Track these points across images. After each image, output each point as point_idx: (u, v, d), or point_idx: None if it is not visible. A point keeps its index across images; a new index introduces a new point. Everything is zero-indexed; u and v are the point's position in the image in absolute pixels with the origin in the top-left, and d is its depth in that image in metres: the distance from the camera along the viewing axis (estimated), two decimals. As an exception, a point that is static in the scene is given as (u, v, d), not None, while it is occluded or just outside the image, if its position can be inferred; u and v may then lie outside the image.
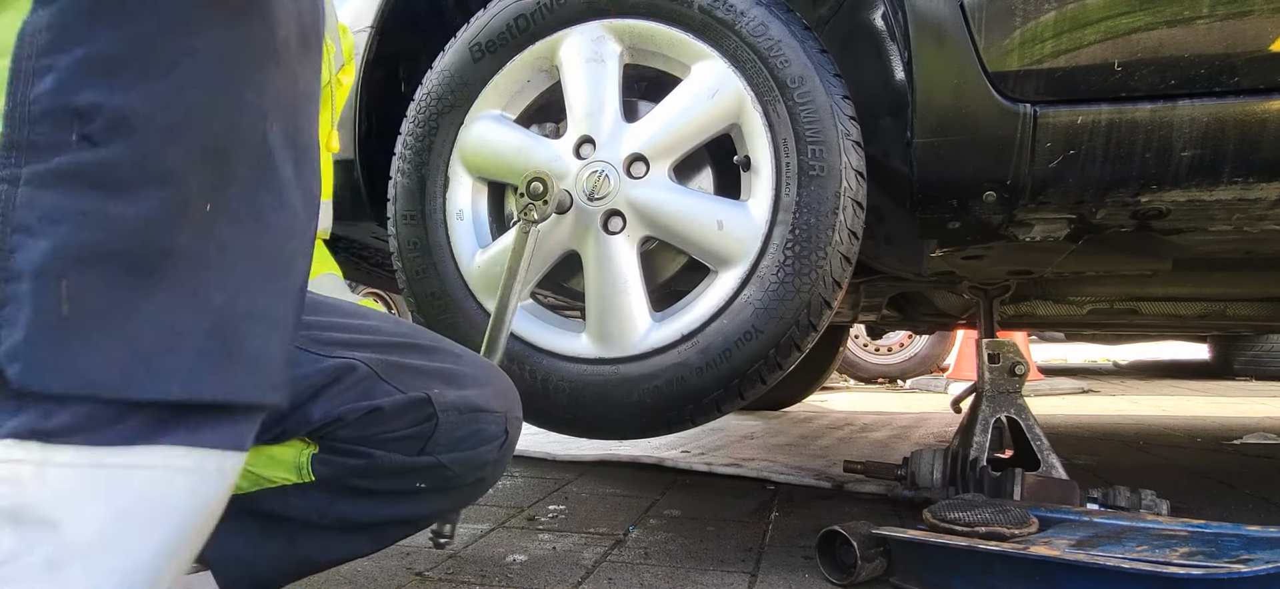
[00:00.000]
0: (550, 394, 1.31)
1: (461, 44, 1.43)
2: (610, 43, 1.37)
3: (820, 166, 1.24)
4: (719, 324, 1.24)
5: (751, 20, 1.30)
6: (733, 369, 1.24)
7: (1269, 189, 1.20)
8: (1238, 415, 3.84)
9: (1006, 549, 1.10)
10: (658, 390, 1.26)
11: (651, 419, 1.29)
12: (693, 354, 1.25)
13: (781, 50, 1.28)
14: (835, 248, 1.23)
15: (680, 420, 1.29)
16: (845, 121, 1.27)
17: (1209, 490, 1.99)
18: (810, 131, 1.25)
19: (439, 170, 1.42)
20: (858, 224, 1.27)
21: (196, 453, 0.57)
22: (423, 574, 1.27)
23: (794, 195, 1.24)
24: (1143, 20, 1.15)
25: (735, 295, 1.25)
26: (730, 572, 1.30)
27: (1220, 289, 2.23)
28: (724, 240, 1.27)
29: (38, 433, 0.51)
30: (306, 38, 0.65)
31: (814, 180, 1.24)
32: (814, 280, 1.22)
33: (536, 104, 1.46)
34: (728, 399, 1.27)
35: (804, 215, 1.23)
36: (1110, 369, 8.07)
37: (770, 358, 1.24)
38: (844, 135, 1.26)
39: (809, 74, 1.27)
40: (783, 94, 1.27)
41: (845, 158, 1.25)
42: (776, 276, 1.23)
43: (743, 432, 3.04)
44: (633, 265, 1.29)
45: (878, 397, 5.26)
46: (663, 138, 1.31)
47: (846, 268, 1.26)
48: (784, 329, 1.23)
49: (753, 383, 1.26)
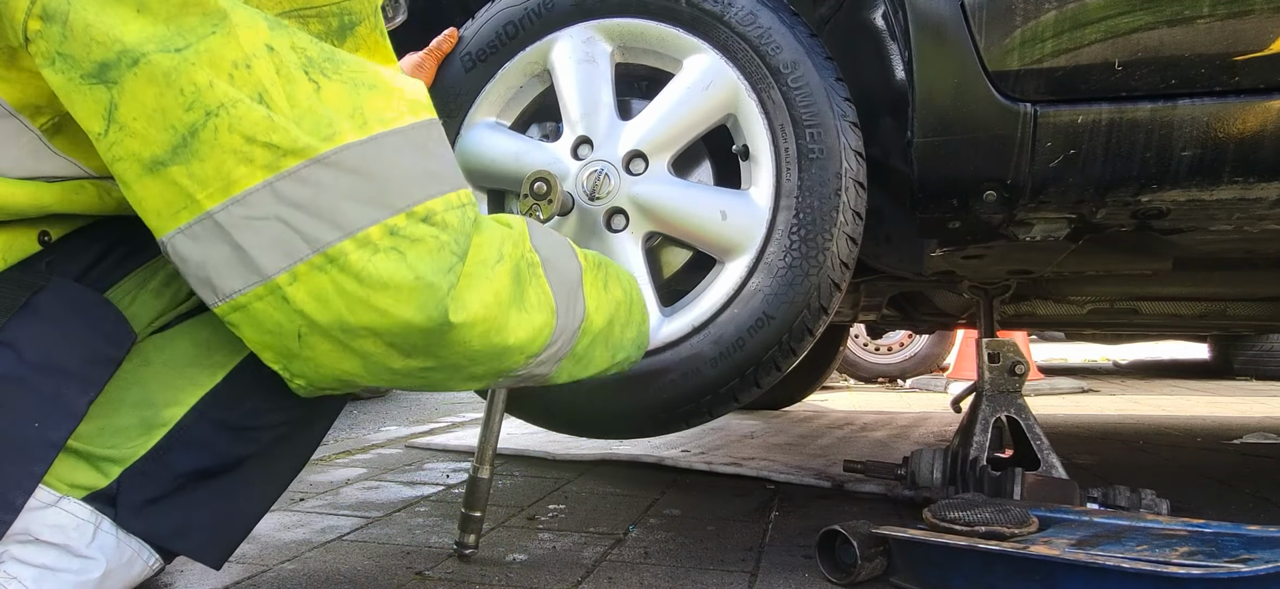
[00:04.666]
0: (563, 395, 1.30)
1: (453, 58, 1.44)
2: (601, 43, 1.37)
3: (819, 149, 1.24)
4: (730, 313, 1.24)
5: (739, 10, 1.30)
6: (747, 357, 1.23)
7: (1269, 189, 1.20)
8: (1238, 415, 3.84)
9: (1006, 549, 1.10)
10: (673, 384, 1.25)
11: (669, 414, 1.28)
12: (706, 345, 1.24)
13: (772, 37, 1.28)
14: (840, 228, 1.23)
15: (698, 413, 1.28)
16: (840, 103, 1.27)
17: (1209, 490, 1.99)
18: (806, 115, 1.25)
19: None
20: (861, 204, 1.26)
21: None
22: (423, 574, 1.27)
23: (795, 180, 1.24)
24: (1143, 20, 1.15)
25: (744, 284, 1.24)
26: (730, 571, 1.30)
27: (1220, 289, 2.23)
28: (728, 230, 1.26)
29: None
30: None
31: (814, 163, 1.24)
32: (821, 263, 1.22)
33: (532, 109, 1.46)
34: (744, 388, 1.26)
35: (807, 199, 1.23)
36: (1110, 369, 8.07)
37: (784, 344, 1.23)
38: (840, 116, 1.26)
39: (801, 58, 1.27)
40: (776, 80, 1.27)
41: (843, 139, 1.25)
42: (784, 262, 1.23)
43: (743, 431, 3.04)
44: (638, 262, 1.29)
45: (878, 396, 5.26)
46: (660, 133, 1.31)
47: (853, 248, 1.26)
48: (795, 313, 1.22)
49: (768, 370, 1.26)
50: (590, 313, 1.00)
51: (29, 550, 0.73)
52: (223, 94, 0.67)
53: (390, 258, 0.71)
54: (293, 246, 0.69)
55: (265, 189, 0.68)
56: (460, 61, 1.43)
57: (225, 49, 0.67)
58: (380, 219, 0.71)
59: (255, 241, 0.69)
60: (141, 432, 0.77)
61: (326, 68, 0.73)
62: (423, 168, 0.76)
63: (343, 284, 0.70)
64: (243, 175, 0.67)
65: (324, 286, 0.70)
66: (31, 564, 0.72)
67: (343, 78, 0.73)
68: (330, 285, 0.70)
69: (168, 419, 0.78)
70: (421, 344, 0.76)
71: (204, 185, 0.67)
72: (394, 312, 0.72)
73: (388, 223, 0.72)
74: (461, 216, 0.78)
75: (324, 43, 0.75)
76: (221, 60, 0.67)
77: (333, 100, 0.72)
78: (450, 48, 1.44)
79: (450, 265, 0.75)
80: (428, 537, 1.48)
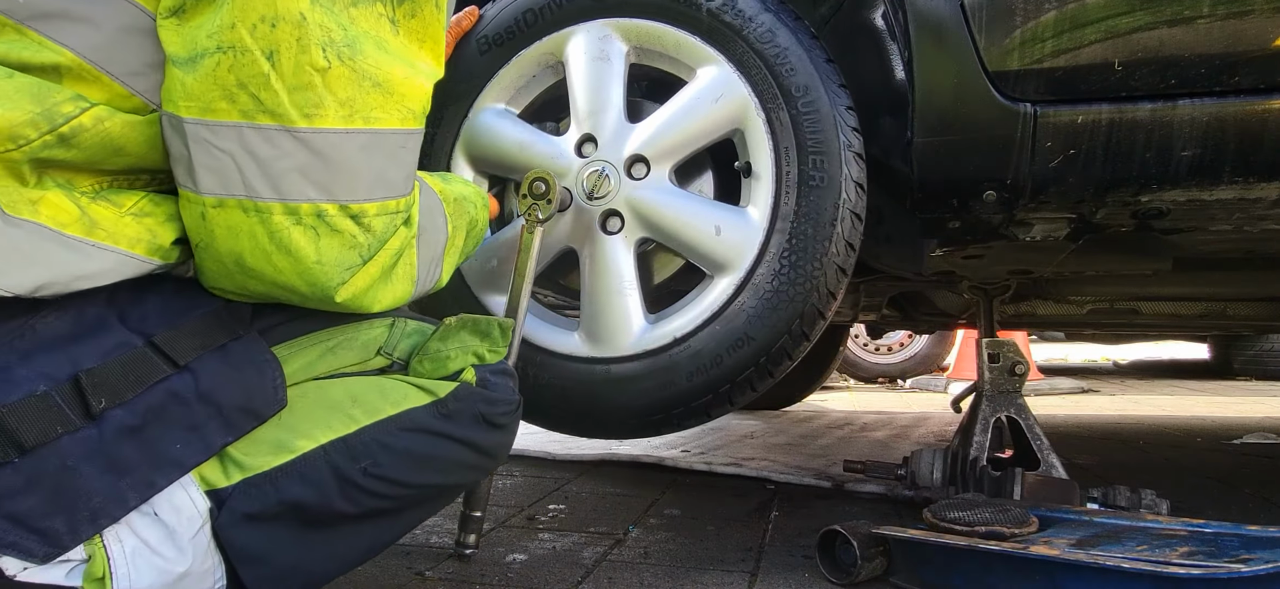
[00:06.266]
0: (539, 391, 1.31)
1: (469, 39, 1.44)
2: (617, 41, 1.37)
3: (821, 177, 1.24)
4: (711, 330, 1.24)
5: (759, 26, 1.30)
6: (723, 375, 1.24)
7: (1269, 189, 1.20)
8: (1238, 415, 3.84)
9: (1006, 549, 1.10)
10: (646, 392, 1.26)
11: (639, 420, 1.29)
12: (683, 358, 1.25)
13: (788, 58, 1.28)
14: (831, 259, 1.23)
15: (667, 423, 1.29)
16: (848, 132, 1.27)
17: (1209, 490, 1.99)
18: (813, 141, 1.25)
19: (440, 161, 1.42)
20: (856, 236, 1.27)
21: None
22: (423, 574, 1.27)
23: (793, 204, 1.24)
24: (1143, 20, 1.15)
25: (729, 302, 1.25)
26: (730, 572, 1.30)
27: (1220, 289, 2.23)
28: (721, 246, 1.26)
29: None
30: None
31: (814, 190, 1.24)
32: (808, 290, 1.22)
33: (541, 100, 1.46)
34: (717, 404, 1.27)
35: (802, 225, 1.23)
36: (1110, 369, 8.07)
37: (761, 366, 1.24)
38: (846, 146, 1.25)
39: (814, 84, 1.27)
40: (787, 102, 1.27)
41: (846, 169, 1.25)
42: (771, 285, 1.23)
43: (743, 431, 3.04)
44: (629, 266, 1.29)
45: (878, 396, 5.26)
46: (665, 140, 1.31)
47: (842, 279, 1.26)
48: (776, 338, 1.23)
49: (743, 390, 1.26)
50: (443, 276, 1.06)
51: (144, 522, 0.75)
52: (236, 39, 0.73)
53: (306, 234, 0.78)
54: (231, 182, 0.76)
55: (233, 129, 0.75)
56: (476, 43, 1.43)
57: (258, 2, 0.73)
58: (315, 199, 0.78)
59: (204, 161, 0.76)
60: (272, 451, 0.82)
61: (344, 53, 0.77)
62: (378, 171, 0.82)
63: (256, 231, 0.77)
64: (222, 108, 0.75)
65: (239, 223, 0.77)
66: (138, 536, 0.75)
67: (355, 67, 0.78)
68: (244, 225, 0.77)
69: (297, 448, 0.83)
70: (297, 300, 0.84)
71: (189, 97, 0.75)
72: (286, 274, 0.80)
73: (320, 205, 0.78)
74: (386, 224, 0.84)
75: (354, 29, 0.79)
76: (252, 10, 0.73)
77: (335, 83, 0.77)
78: (470, 25, 1.44)
79: (352, 264, 0.82)
80: (428, 537, 1.48)
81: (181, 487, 0.78)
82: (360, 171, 0.80)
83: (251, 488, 0.80)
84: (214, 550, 0.80)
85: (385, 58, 0.81)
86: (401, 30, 0.84)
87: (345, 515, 0.86)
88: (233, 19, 0.73)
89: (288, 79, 0.74)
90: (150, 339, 0.78)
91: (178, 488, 0.78)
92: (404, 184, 0.86)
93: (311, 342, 0.91)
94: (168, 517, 0.76)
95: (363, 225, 0.81)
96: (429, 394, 0.91)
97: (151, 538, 0.75)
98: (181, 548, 0.77)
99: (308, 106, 0.75)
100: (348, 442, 0.85)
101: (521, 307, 1.21)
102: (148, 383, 0.76)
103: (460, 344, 0.99)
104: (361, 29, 0.79)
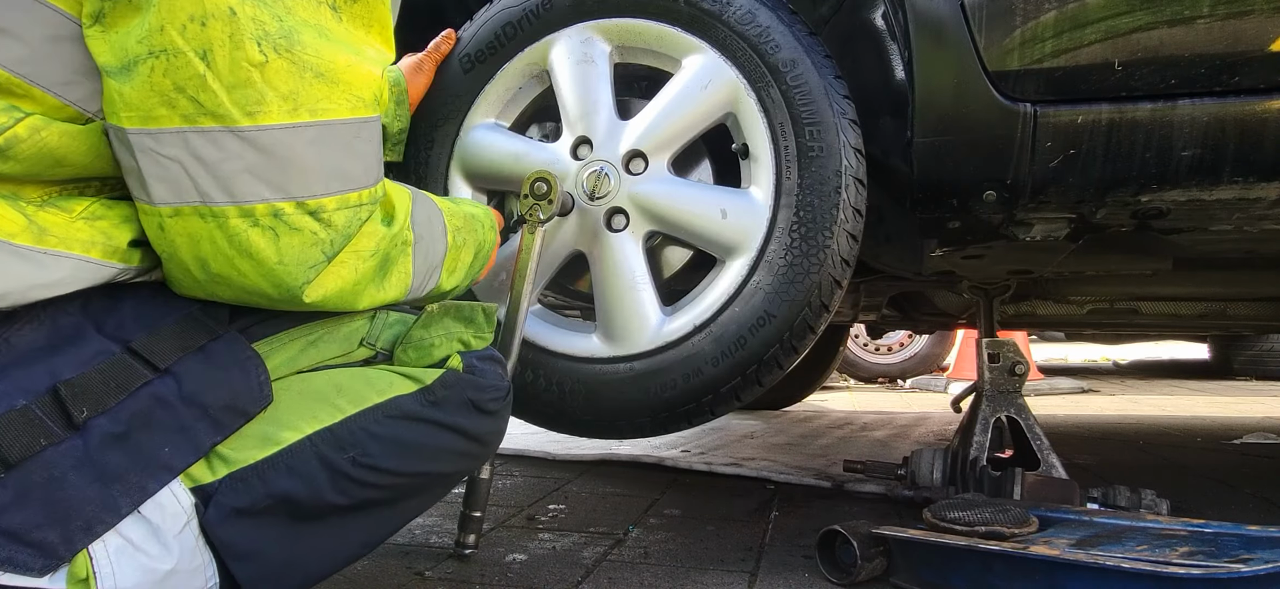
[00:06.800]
0: (565, 397, 1.30)
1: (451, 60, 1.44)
2: (599, 43, 1.37)
3: (819, 147, 1.24)
4: (731, 312, 1.24)
5: (738, 9, 1.30)
6: (749, 356, 1.23)
7: (1269, 189, 1.20)
8: (1238, 415, 3.84)
9: (1006, 549, 1.10)
10: (674, 384, 1.25)
11: (671, 413, 1.27)
12: (707, 344, 1.24)
13: (770, 36, 1.28)
14: (841, 226, 1.23)
15: (700, 413, 1.28)
16: (839, 101, 1.27)
17: (1209, 490, 1.99)
18: (806, 113, 1.25)
19: (438, 184, 1.42)
20: (861, 201, 1.26)
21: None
22: (422, 574, 1.27)
23: (795, 178, 1.24)
24: (1143, 20, 1.15)
25: (745, 282, 1.24)
26: (730, 572, 1.30)
27: (1220, 289, 2.23)
28: (729, 229, 1.26)
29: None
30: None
31: (814, 161, 1.24)
32: (822, 260, 1.22)
33: (531, 110, 1.46)
34: (746, 387, 1.26)
35: (807, 197, 1.23)
36: (1110, 369, 8.07)
37: (786, 341, 1.23)
38: (840, 114, 1.26)
39: (800, 57, 1.27)
40: (775, 79, 1.27)
41: (843, 136, 1.25)
42: (785, 260, 1.23)
43: (743, 431, 3.04)
44: (639, 261, 1.29)
45: (878, 396, 5.26)
46: (659, 132, 1.31)
47: (854, 245, 1.26)
48: (797, 311, 1.22)
49: (770, 369, 1.25)
50: (439, 284, 1.06)
51: (127, 520, 0.75)
52: (167, 41, 0.72)
53: (265, 236, 0.77)
54: (183, 190, 0.75)
55: (177, 135, 0.74)
56: (459, 63, 1.43)
57: (186, 1, 0.72)
58: (270, 199, 0.77)
59: (154, 171, 0.75)
60: (259, 444, 0.81)
61: (281, 45, 0.76)
62: (332, 164, 0.81)
63: (215, 236, 0.77)
64: (162, 115, 0.73)
65: (198, 230, 0.77)
66: (121, 534, 0.74)
67: (293, 58, 0.76)
68: (203, 231, 0.77)
69: (283, 440, 0.82)
70: (266, 304, 0.83)
71: (129, 107, 0.73)
72: (251, 278, 0.79)
73: (275, 205, 0.77)
74: (349, 217, 0.83)
75: (290, 19, 0.77)
76: (179, 11, 0.72)
77: (274, 77, 0.75)
78: (449, 49, 1.44)
79: (316, 262, 0.81)
80: (427, 537, 1.48)
81: (163, 487, 0.77)
82: (313, 166, 0.79)
83: (238, 482, 0.80)
84: (203, 547, 0.79)
85: (327, 46, 0.79)
86: (344, 16, 0.82)
87: (337, 507, 0.85)
88: (161, 21, 0.71)
89: (225, 78, 0.73)
90: (128, 345, 0.78)
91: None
92: (364, 175, 0.84)
93: (292, 337, 0.90)
94: (151, 514, 0.76)
95: (323, 221, 0.80)
96: (415, 382, 0.90)
97: (135, 536, 0.74)
98: (166, 545, 0.76)
99: (249, 104, 0.74)
100: (335, 431, 0.84)
101: (522, 308, 1.21)
102: (129, 389, 0.76)
103: (444, 331, 0.98)
104: (299, 18, 0.78)
